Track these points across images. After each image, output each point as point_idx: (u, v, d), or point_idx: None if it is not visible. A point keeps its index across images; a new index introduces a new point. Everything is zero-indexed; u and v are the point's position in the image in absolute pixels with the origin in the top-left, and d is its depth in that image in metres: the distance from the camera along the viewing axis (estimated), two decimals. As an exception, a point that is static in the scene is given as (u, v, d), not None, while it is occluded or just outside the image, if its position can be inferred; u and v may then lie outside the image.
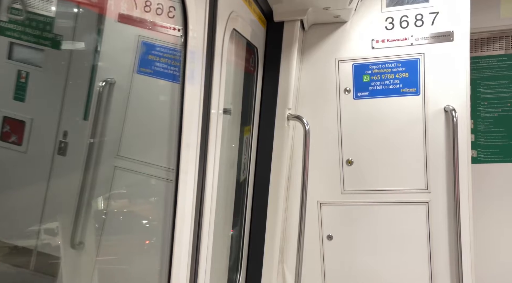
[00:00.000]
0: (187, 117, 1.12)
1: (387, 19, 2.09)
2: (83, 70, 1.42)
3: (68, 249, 1.30)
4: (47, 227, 1.26)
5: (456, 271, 2.01)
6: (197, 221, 1.21)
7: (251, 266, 1.98)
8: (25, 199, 1.18)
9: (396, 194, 2.09)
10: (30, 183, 1.23)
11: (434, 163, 2.04)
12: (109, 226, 1.41)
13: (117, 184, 1.44)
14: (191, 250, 1.18)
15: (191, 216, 1.17)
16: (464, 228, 1.97)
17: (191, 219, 1.17)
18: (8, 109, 1.23)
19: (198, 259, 1.23)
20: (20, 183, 1.18)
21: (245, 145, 1.92)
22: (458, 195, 1.97)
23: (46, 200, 1.25)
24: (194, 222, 1.19)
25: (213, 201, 1.31)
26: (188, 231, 1.16)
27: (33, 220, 1.23)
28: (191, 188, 1.16)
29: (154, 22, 1.35)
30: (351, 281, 2.16)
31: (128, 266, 1.43)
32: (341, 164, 2.15)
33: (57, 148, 1.31)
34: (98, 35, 1.43)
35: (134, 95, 1.46)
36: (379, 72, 2.10)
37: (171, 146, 1.18)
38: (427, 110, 2.05)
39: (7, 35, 1.22)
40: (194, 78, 1.13)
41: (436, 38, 2.03)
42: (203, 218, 1.24)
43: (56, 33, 1.35)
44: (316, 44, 2.18)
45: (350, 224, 2.15)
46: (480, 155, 2.87)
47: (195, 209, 1.19)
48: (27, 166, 1.24)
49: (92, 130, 1.39)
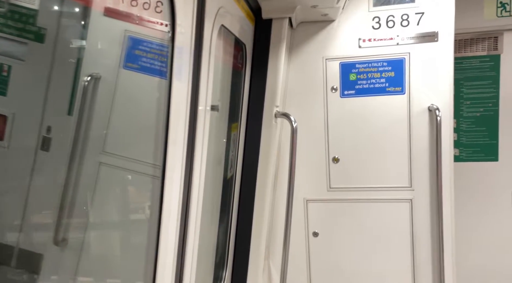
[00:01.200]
0: (174, 114, 1.11)
1: (374, 18, 2.12)
2: (67, 65, 1.39)
3: (51, 246, 1.29)
4: (29, 224, 1.24)
5: (437, 267, 2.05)
6: (183, 218, 1.21)
7: (237, 262, 1.98)
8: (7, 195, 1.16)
9: (381, 191, 2.12)
10: (12, 178, 1.20)
11: (418, 161, 2.08)
12: (93, 223, 1.39)
13: (102, 180, 1.42)
14: (177, 246, 1.18)
15: (177, 213, 1.17)
16: (446, 224, 2.01)
17: (177, 216, 1.17)
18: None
19: (184, 256, 1.23)
20: (1, 178, 1.16)
21: (232, 142, 1.92)
22: (441, 192, 2.01)
23: (29, 196, 1.23)
24: (180, 219, 1.19)
25: (199, 198, 1.30)
26: (174, 227, 1.16)
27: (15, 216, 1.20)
28: (178, 184, 1.16)
29: (141, 17, 1.33)
30: (336, 277, 2.18)
31: (112, 263, 1.42)
32: (328, 161, 2.17)
33: (40, 143, 1.28)
34: (83, 29, 1.40)
35: (120, 91, 1.44)
36: (365, 71, 2.13)
37: (158, 142, 1.17)
38: (411, 109, 2.08)
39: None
40: (182, 74, 1.13)
41: (422, 38, 2.06)
42: (190, 215, 1.24)
43: (39, 26, 1.32)
44: (304, 42, 2.19)
45: (336, 221, 2.17)
46: (462, 154, 2.94)
47: (181, 205, 1.18)
48: (9, 161, 1.21)
49: (76, 125, 1.37)
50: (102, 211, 1.41)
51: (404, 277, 2.11)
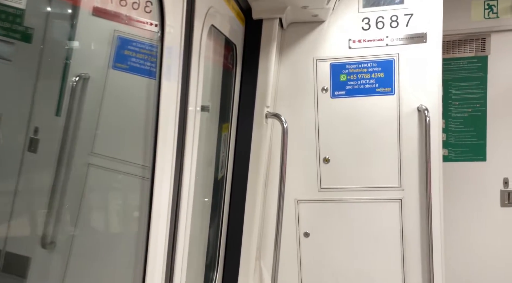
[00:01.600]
0: (164, 114, 1.10)
1: (363, 19, 2.13)
2: (55, 65, 1.37)
3: (39, 249, 1.26)
4: (16, 226, 1.22)
5: (427, 266, 2.07)
6: (173, 219, 1.20)
7: (228, 263, 1.98)
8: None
9: (371, 191, 2.14)
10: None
11: (408, 161, 2.10)
12: (82, 225, 1.37)
13: (91, 181, 1.40)
14: (167, 248, 1.17)
15: (167, 214, 1.16)
16: (435, 224, 2.04)
17: (167, 217, 1.16)
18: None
19: (174, 257, 1.22)
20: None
21: (223, 142, 1.91)
22: (430, 192, 2.03)
23: (16, 199, 1.21)
24: (170, 220, 1.18)
25: (190, 199, 1.30)
26: (164, 229, 1.15)
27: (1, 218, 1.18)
28: (168, 185, 1.15)
29: (130, 17, 1.32)
30: (327, 277, 2.19)
31: (102, 265, 1.40)
32: (318, 162, 2.17)
33: (28, 145, 1.26)
34: (71, 29, 1.38)
35: (109, 91, 1.43)
36: (355, 72, 2.14)
37: (148, 143, 1.16)
38: (401, 109, 2.10)
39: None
40: (171, 74, 1.12)
41: (411, 39, 2.08)
42: (180, 216, 1.23)
43: (26, 26, 1.30)
44: (294, 43, 2.19)
45: (327, 221, 2.18)
46: (451, 154, 2.97)
47: (171, 207, 1.17)
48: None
49: (64, 126, 1.35)
50: (91, 213, 1.39)
51: (394, 277, 2.13)
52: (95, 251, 1.39)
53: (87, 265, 1.38)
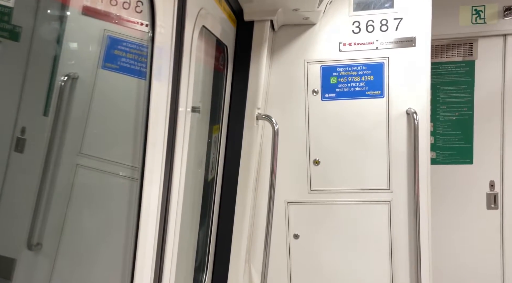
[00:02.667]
0: (153, 115, 1.10)
1: (354, 23, 2.15)
2: (43, 64, 1.35)
3: (24, 251, 1.24)
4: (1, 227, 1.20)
5: (415, 267, 2.09)
6: (162, 220, 1.19)
7: (217, 265, 1.97)
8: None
9: (360, 193, 2.15)
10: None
11: (396, 163, 2.12)
12: (69, 226, 1.35)
13: (79, 182, 1.39)
14: (155, 250, 1.16)
15: (156, 216, 1.15)
16: (423, 226, 2.06)
17: (156, 218, 1.15)
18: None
19: (163, 259, 1.21)
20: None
21: (213, 144, 1.91)
22: (418, 194, 2.05)
23: (1, 199, 1.18)
24: (160, 222, 1.17)
25: (179, 200, 1.29)
26: (153, 231, 1.14)
27: None
28: (157, 187, 1.14)
29: (120, 16, 1.31)
30: (317, 279, 2.20)
31: (89, 267, 1.38)
32: (309, 164, 2.18)
33: (14, 145, 1.24)
34: (60, 27, 1.37)
35: (99, 91, 1.41)
36: (346, 74, 2.16)
37: (137, 144, 1.15)
38: (390, 112, 2.12)
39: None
40: (161, 75, 1.11)
41: (400, 43, 2.11)
42: (169, 218, 1.22)
43: (14, 24, 1.28)
44: (285, 45, 2.20)
45: (316, 223, 2.19)
46: (438, 157, 3.01)
47: (160, 208, 1.16)
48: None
49: (52, 126, 1.33)
50: (79, 214, 1.37)
51: (382, 278, 2.15)
52: (82, 253, 1.37)
53: (74, 266, 1.36)
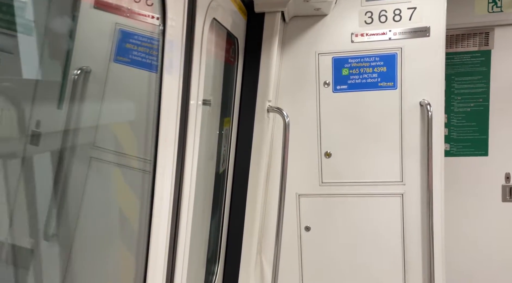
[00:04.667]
0: (165, 108, 1.10)
1: (366, 13, 2.12)
2: (57, 58, 1.37)
3: (41, 241, 1.27)
4: (18, 218, 1.23)
5: (427, 260, 2.08)
6: (175, 212, 1.21)
7: (229, 257, 1.99)
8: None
9: (372, 186, 2.14)
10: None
11: (409, 155, 2.10)
12: (84, 218, 1.38)
13: (93, 174, 1.41)
14: (168, 241, 1.18)
15: (168, 208, 1.16)
16: (436, 218, 2.04)
17: (168, 210, 1.16)
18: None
19: (175, 250, 1.23)
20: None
21: (224, 137, 1.91)
22: (432, 187, 2.03)
23: (18, 191, 1.21)
24: (172, 214, 1.18)
25: (191, 193, 1.30)
26: (166, 222, 1.16)
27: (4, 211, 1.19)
28: (169, 179, 1.15)
29: (131, 10, 1.31)
30: (328, 272, 2.20)
31: (103, 257, 1.41)
32: (320, 156, 2.17)
33: (30, 138, 1.27)
34: (73, 21, 1.38)
35: (111, 85, 1.43)
36: (358, 66, 2.13)
37: (149, 137, 1.16)
38: (403, 104, 2.09)
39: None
40: (173, 68, 1.12)
41: (413, 33, 2.07)
42: (181, 210, 1.24)
43: (27, 18, 1.29)
44: (296, 36, 2.18)
45: (328, 216, 2.19)
46: (453, 149, 2.97)
47: (173, 200, 1.18)
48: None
49: (66, 120, 1.35)
50: (93, 206, 1.40)
51: (394, 271, 2.14)
52: (97, 243, 1.40)
53: (89, 257, 1.39)
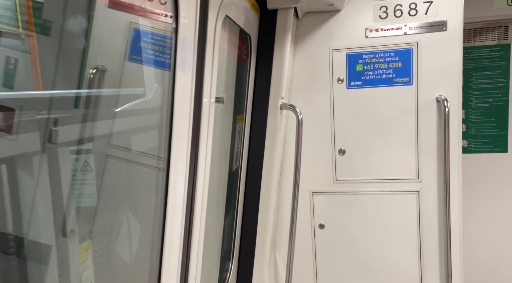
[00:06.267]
0: (178, 106, 1.11)
1: (381, 8, 2.08)
2: (73, 57, 1.39)
3: (59, 237, 1.30)
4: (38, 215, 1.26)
5: (444, 259, 2.04)
6: (188, 210, 1.21)
7: (243, 254, 1.99)
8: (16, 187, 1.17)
9: (388, 183, 2.11)
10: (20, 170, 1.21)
11: (426, 152, 2.06)
12: (100, 215, 1.40)
13: (109, 172, 1.43)
14: (182, 238, 1.19)
15: (182, 205, 1.17)
16: (454, 217, 2.00)
17: (182, 208, 1.17)
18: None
19: (189, 247, 1.24)
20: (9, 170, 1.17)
21: (237, 134, 1.92)
22: (449, 184, 1.99)
23: (37, 188, 1.24)
24: (186, 211, 1.19)
25: (204, 190, 1.31)
26: (180, 220, 1.17)
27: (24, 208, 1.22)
28: (183, 177, 1.16)
29: (145, 8, 1.32)
30: (342, 270, 2.19)
31: (119, 253, 1.43)
32: (334, 153, 2.16)
33: (48, 136, 1.29)
34: (88, 21, 1.40)
35: (125, 83, 1.44)
36: (372, 61, 2.10)
37: (162, 135, 1.17)
38: (419, 100, 2.05)
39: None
40: (185, 66, 1.12)
41: (430, 27, 2.03)
42: (195, 207, 1.25)
43: (45, 19, 1.32)
44: (309, 32, 2.16)
45: (342, 213, 2.17)
46: (471, 145, 2.90)
47: (186, 198, 1.19)
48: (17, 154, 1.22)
49: (83, 118, 1.37)
50: (109, 204, 1.42)
51: (410, 270, 2.11)
52: (112, 240, 1.42)
53: (105, 252, 1.41)
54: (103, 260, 1.40)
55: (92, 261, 1.36)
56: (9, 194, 1.14)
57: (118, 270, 1.42)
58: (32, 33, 1.30)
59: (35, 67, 1.31)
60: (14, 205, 1.16)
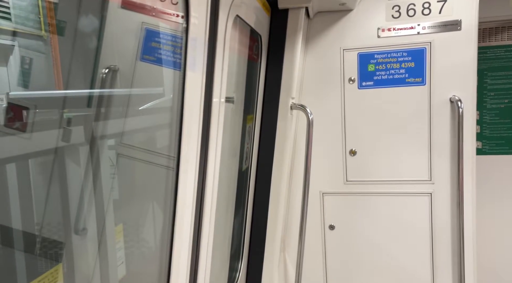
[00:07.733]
0: (188, 105, 1.11)
1: (393, 7, 2.06)
2: (86, 57, 1.41)
3: (71, 235, 1.32)
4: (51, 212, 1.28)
5: (457, 262, 2.01)
6: (198, 209, 1.22)
7: (252, 254, 1.99)
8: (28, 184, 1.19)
9: (399, 184, 2.09)
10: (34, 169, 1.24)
11: (439, 154, 2.03)
12: (112, 214, 1.42)
13: (120, 171, 1.45)
14: (192, 237, 1.19)
15: (192, 205, 1.17)
16: (467, 220, 1.96)
17: (192, 207, 1.18)
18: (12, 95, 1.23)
19: (199, 246, 1.24)
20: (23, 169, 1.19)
21: (248, 134, 1.92)
22: (462, 186, 1.96)
23: (50, 186, 1.26)
24: (195, 210, 1.20)
25: (214, 190, 1.31)
26: (189, 219, 1.17)
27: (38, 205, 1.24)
28: (192, 176, 1.17)
29: (157, 9, 1.34)
30: (353, 271, 2.17)
31: (129, 251, 1.45)
32: (344, 154, 2.14)
33: (61, 135, 1.31)
34: (101, 21, 1.42)
35: (137, 83, 1.46)
36: (384, 61, 2.08)
37: (173, 134, 1.18)
38: (432, 100, 2.02)
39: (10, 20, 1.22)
40: (196, 66, 1.13)
41: (444, 27, 2.00)
42: (204, 207, 1.25)
43: (59, 19, 1.34)
44: (321, 32, 2.15)
45: (353, 214, 2.15)
46: (485, 147, 2.85)
47: (196, 197, 1.19)
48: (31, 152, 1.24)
49: (95, 117, 1.39)
50: (120, 202, 1.44)
51: (422, 273, 2.08)
52: (123, 238, 1.43)
53: (116, 250, 1.43)
54: (114, 257, 1.42)
55: (123, 244, 1.40)
56: (64, 185, 1.21)
57: (128, 266, 1.44)
58: (54, 35, 1.33)
59: (56, 68, 1.34)
60: (63, 196, 1.22)
